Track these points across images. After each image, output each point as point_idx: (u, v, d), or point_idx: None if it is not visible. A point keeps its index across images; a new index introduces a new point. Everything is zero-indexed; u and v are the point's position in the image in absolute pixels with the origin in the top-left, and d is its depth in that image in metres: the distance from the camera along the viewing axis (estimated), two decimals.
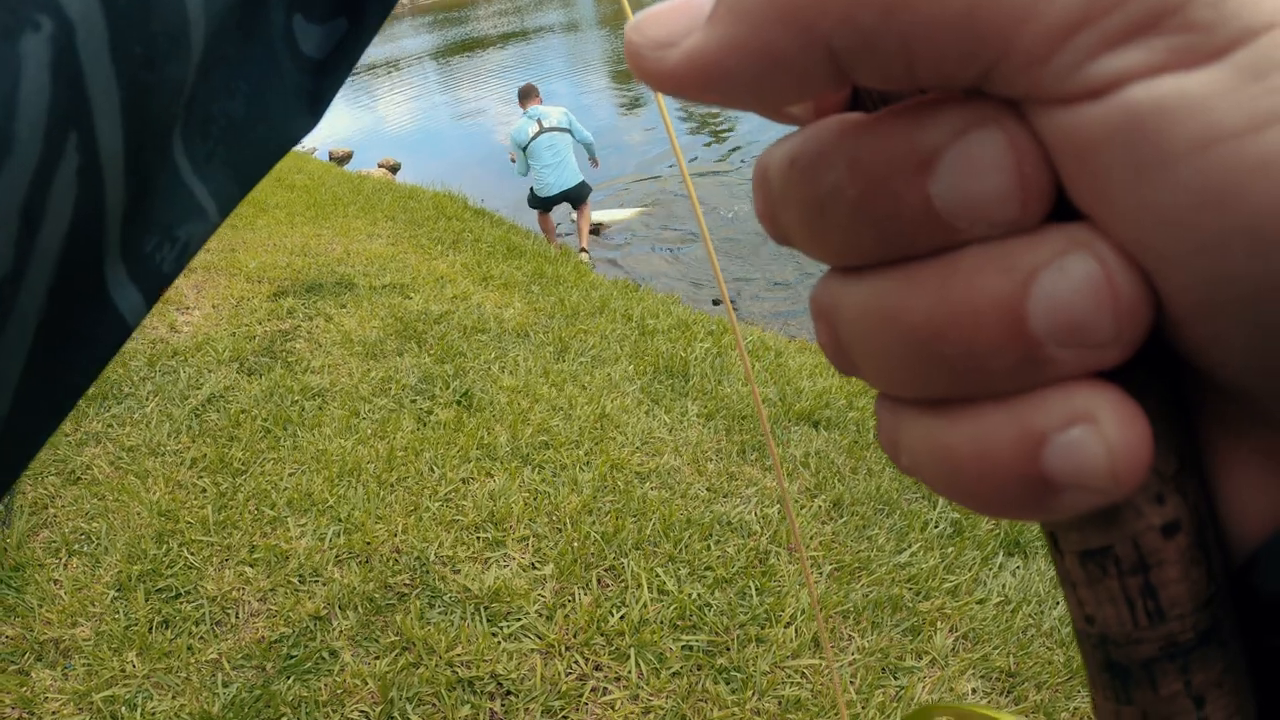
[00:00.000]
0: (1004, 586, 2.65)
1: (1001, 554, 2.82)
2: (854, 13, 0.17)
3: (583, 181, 8.18)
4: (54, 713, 2.23)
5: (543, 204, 8.31)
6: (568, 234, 8.87)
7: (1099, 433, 0.18)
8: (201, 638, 2.42)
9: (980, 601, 2.61)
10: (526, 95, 8.49)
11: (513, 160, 8.53)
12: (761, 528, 2.83)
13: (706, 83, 0.19)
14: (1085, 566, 0.20)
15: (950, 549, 2.83)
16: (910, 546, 2.81)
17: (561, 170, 8.05)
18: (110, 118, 0.42)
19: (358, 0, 0.58)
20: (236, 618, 2.47)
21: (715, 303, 7.10)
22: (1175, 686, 0.20)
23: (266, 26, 0.54)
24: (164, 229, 0.50)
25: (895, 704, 2.25)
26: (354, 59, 0.61)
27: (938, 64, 0.17)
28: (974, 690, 2.30)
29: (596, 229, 8.94)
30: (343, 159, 13.57)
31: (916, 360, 0.20)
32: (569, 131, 8.20)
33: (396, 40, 39.31)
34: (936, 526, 2.96)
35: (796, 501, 3.02)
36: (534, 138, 8.05)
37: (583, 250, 8.12)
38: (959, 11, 0.17)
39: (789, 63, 0.18)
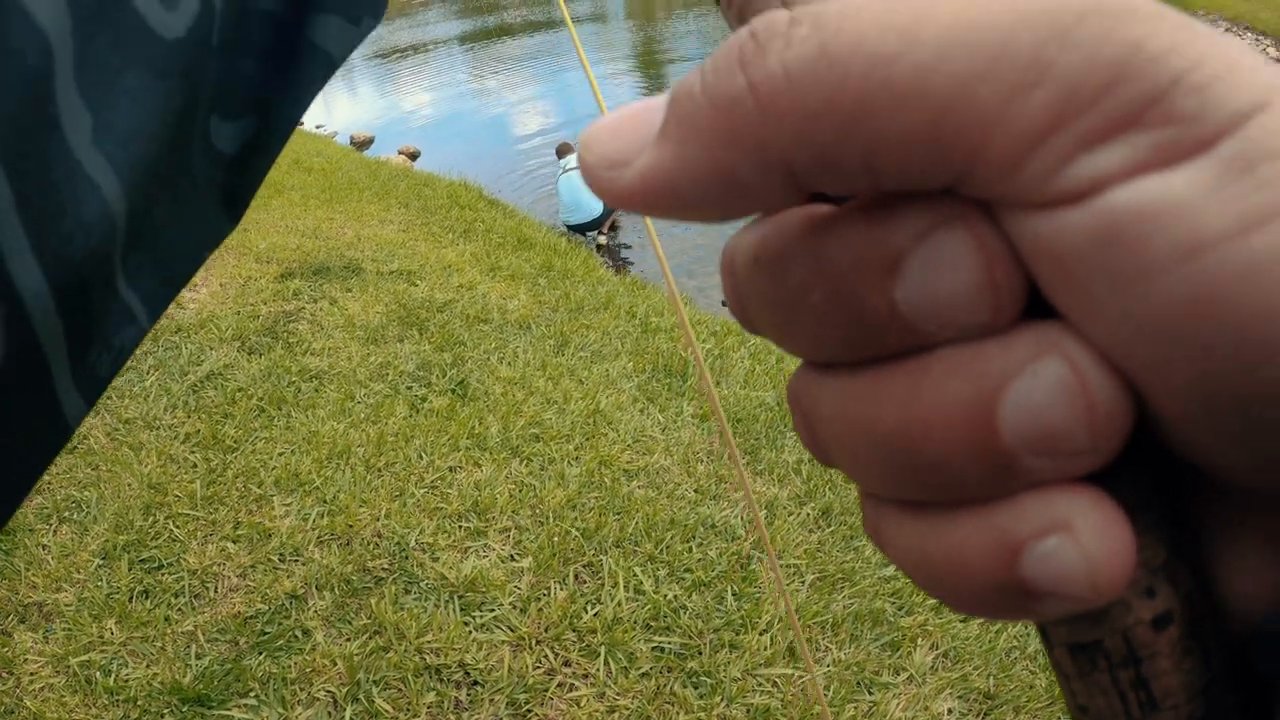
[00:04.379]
0: None
1: None
2: (810, 130, 0.16)
3: (596, 218, 8.66)
4: (32, 674, 2.25)
5: (571, 229, 8.78)
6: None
7: (1076, 543, 0.17)
8: (180, 609, 2.43)
9: (964, 620, 2.58)
10: (563, 151, 9.37)
11: None
12: (746, 532, 2.82)
13: (661, 203, 0.19)
14: (1075, 659, 0.20)
15: None
16: None
17: (575, 208, 8.66)
18: (26, 264, 0.45)
19: (267, 102, 0.62)
20: (215, 591, 2.48)
21: (724, 303, 7.08)
22: None
23: (189, 135, 0.57)
24: (104, 340, 0.54)
25: (867, 719, 2.24)
26: (267, 157, 0.65)
27: (903, 175, 0.17)
28: (950, 711, 2.28)
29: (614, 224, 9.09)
30: (363, 144, 13.58)
31: (890, 466, 0.19)
32: None
33: (424, 26, 39.36)
34: None
35: (785, 508, 3.01)
36: (563, 174, 8.82)
37: (601, 234, 8.69)
38: (923, 122, 0.16)
39: (744, 183, 0.18)
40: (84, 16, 0.46)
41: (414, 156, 12.53)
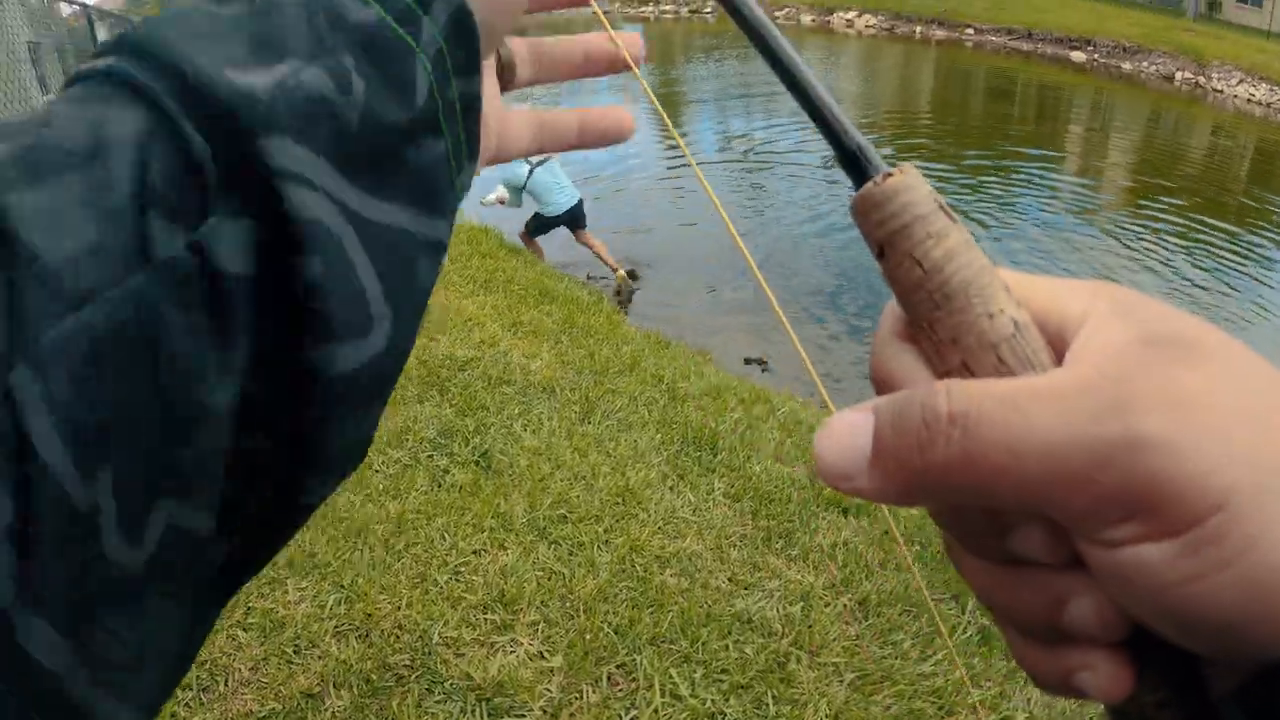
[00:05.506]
0: (1030, 701, 2.57)
1: None
2: (957, 494, 0.29)
3: (581, 199, 8.63)
4: None
5: (545, 226, 8.66)
6: (602, 278, 8.84)
7: (1096, 679, 0.30)
8: (187, 704, 2.29)
9: (1006, 718, 2.51)
10: None
11: (500, 203, 8.92)
12: (783, 627, 2.70)
13: (872, 500, 0.31)
14: (1114, 716, 0.32)
15: (977, 658, 2.73)
16: (935, 654, 2.69)
17: (567, 190, 8.51)
18: None
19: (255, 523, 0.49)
20: (225, 685, 2.34)
21: (746, 361, 7.00)
22: None
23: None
24: None
25: None
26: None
27: (1005, 509, 0.29)
28: None
29: (633, 273, 8.99)
30: None
31: (1004, 616, 0.33)
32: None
33: None
34: (965, 632, 2.86)
35: (821, 598, 2.88)
36: (530, 174, 8.40)
37: (617, 271, 8.74)
38: (1019, 503, 0.28)
39: (920, 503, 0.31)
40: (75, 613, 0.39)
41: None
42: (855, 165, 0.33)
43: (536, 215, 8.63)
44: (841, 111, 0.34)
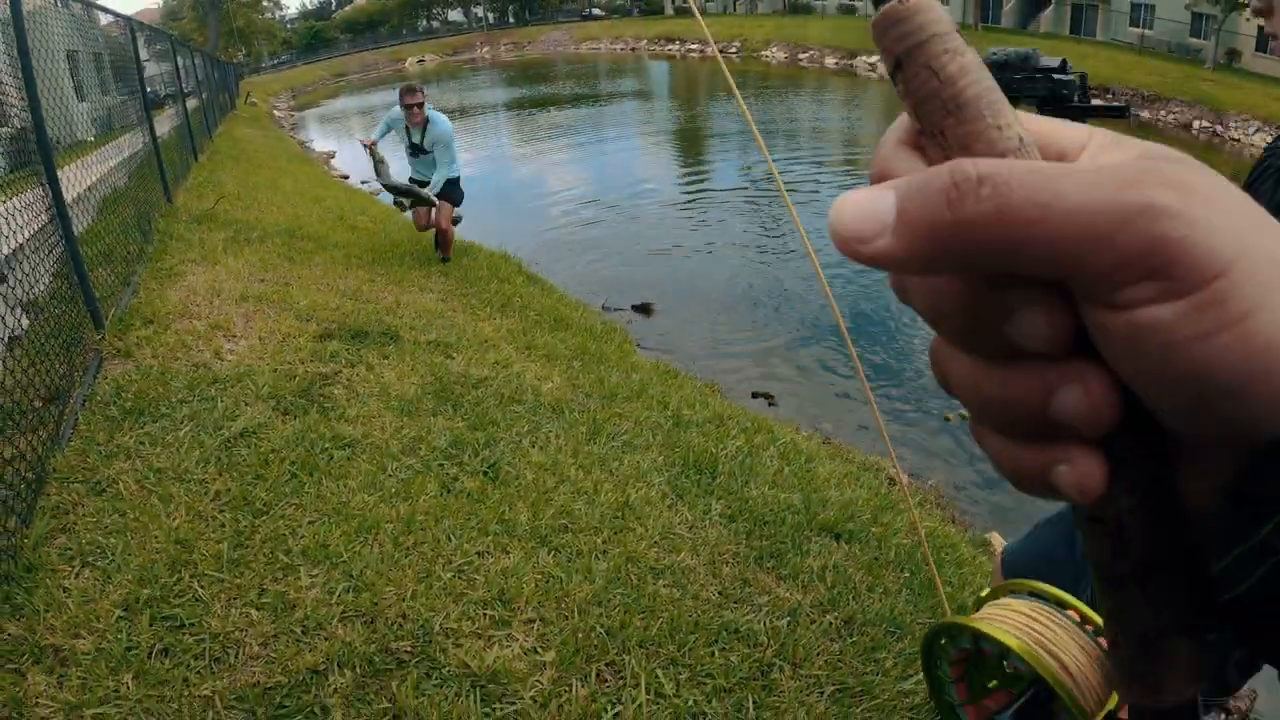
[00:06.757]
0: None
1: None
2: (984, 250, 0.30)
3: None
4: (43, 719, 2.22)
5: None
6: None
7: (1071, 474, 0.32)
8: (199, 672, 2.40)
9: None
10: (416, 90, 7.74)
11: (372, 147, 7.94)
12: (768, 639, 2.79)
13: (883, 268, 0.32)
14: (1087, 525, 0.36)
15: None
16: (916, 674, 2.76)
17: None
18: None
19: None
20: (236, 658, 2.46)
21: (754, 395, 7.09)
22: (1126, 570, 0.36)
23: None
24: None
25: None
26: None
27: (1031, 275, 0.30)
28: None
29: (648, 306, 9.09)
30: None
31: (988, 414, 0.35)
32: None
33: (474, 91, 40.12)
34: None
35: (808, 615, 2.98)
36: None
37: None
38: (1045, 260, 0.29)
39: (939, 267, 0.32)
40: None
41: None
42: None
43: (455, 180, 7.94)
44: None
